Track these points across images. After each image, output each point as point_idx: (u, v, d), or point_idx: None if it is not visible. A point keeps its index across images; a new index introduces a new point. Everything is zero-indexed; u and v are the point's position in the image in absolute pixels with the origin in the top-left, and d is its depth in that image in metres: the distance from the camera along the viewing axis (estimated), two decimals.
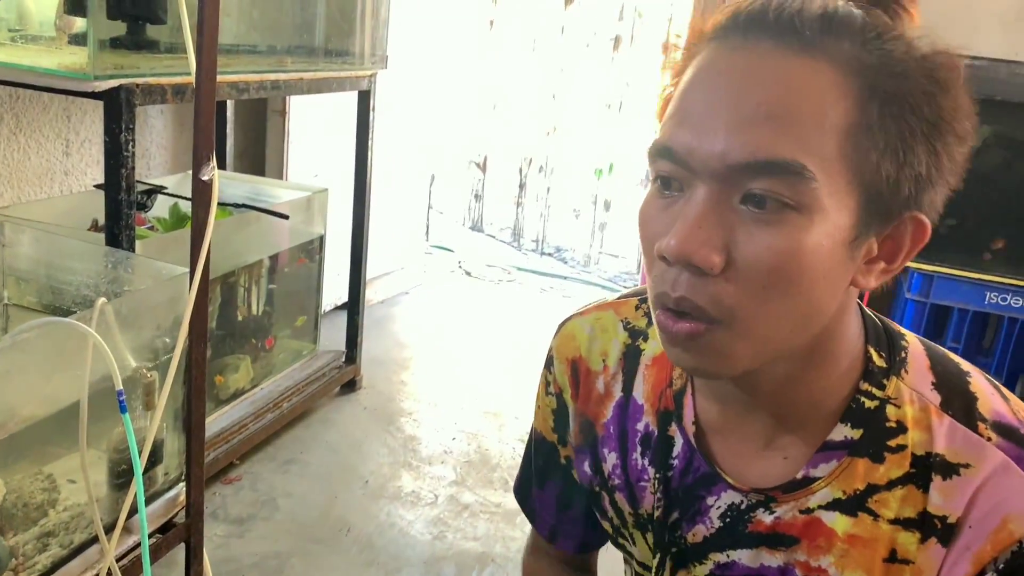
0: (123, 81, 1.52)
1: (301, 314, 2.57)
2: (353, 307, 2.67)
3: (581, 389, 0.79)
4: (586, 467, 0.80)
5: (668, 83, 0.63)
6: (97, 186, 2.10)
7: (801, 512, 0.65)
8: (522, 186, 4.71)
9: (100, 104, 1.54)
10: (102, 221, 1.95)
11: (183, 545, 1.54)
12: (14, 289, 1.61)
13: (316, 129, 2.90)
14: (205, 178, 1.40)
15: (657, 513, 0.72)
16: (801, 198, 0.54)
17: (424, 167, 3.64)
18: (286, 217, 2.20)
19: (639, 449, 0.74)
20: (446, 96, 3.68)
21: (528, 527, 0.93)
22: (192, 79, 1.36)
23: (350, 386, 2.69)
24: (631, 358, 0.76)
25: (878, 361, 0.65)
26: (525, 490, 0.90)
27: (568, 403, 0.80)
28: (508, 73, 4.53)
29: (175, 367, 1.35)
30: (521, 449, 1.82)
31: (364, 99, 2.45)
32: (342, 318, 2.74)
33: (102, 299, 1.28)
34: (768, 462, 0.67)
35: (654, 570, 0.75)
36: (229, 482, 2.10)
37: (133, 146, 1.57)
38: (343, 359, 2.66)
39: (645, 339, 0.76)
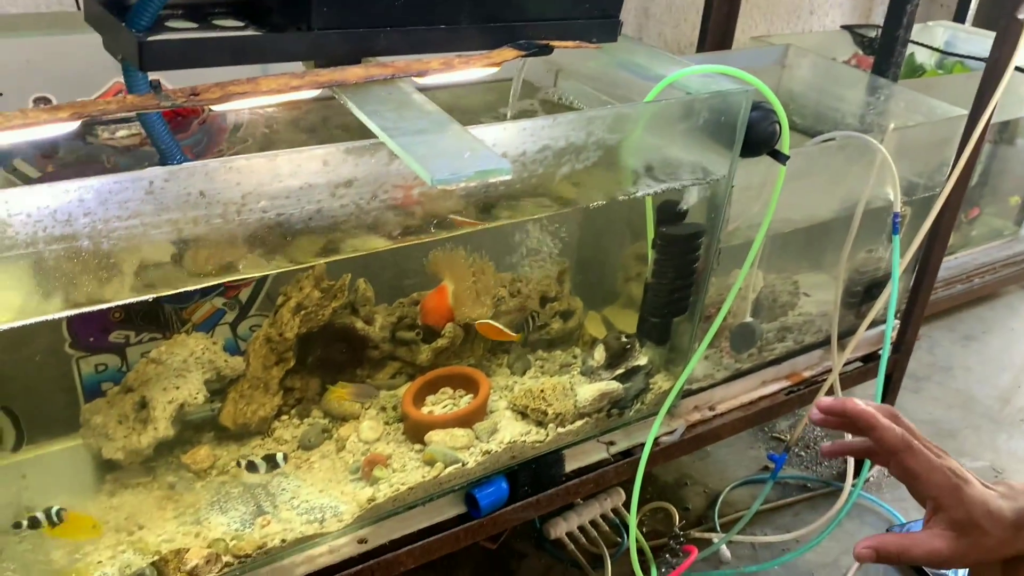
0: None
1: (1013, 194, 2.38)
2: None
3: None
4: None
5: None
6: (843, 27, 2.17)
7: None
8: None
9: None
10: (839, 60, 2.01)
11: (876, 380, 1.60)
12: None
13: None
14: (1021, 16, 1.33)
15: None
16: None
17: None
18: None
19: None
20: None
21: None
22: None
23: None
24: None
25: None
26: None
27: None
28: None
29: (940, 204, 1.37)
30: None
31: None
32: None
33: (893, 124, 1.33)
34: None
35: None
36: None
37: None
38: None
39: None
